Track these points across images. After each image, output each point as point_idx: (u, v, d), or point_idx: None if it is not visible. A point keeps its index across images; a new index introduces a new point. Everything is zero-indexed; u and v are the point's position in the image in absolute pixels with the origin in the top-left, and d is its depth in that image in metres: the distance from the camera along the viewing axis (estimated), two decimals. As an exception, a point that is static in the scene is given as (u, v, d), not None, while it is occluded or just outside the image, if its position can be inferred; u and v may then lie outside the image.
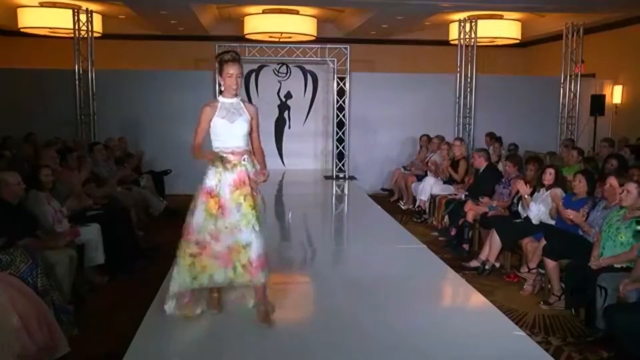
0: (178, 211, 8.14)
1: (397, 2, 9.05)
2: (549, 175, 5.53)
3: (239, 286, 3.72)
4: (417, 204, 8.34)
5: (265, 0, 9.87)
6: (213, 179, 3.57)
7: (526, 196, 5.55)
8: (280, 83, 10.36)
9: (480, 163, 7.03)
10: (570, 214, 4.87)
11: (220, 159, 3.54)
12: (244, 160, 3.61)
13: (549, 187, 5.51)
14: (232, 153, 3.60)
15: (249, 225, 3.51)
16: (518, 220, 5.73)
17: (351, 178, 10.09)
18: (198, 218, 3.54)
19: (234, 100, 3.64)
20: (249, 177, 3.59)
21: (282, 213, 7.70)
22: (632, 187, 4.30)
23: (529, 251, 5.25)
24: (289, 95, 10.45)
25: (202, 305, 3.78)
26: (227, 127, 3.59)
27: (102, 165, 7.23)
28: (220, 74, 3.60)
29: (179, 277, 3.57)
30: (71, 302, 4.31)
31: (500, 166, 7.49)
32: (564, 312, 4.58)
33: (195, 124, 3.62)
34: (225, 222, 3.52)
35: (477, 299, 4.37)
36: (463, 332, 3.68)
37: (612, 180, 4.65)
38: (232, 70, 3.55)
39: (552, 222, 5.33)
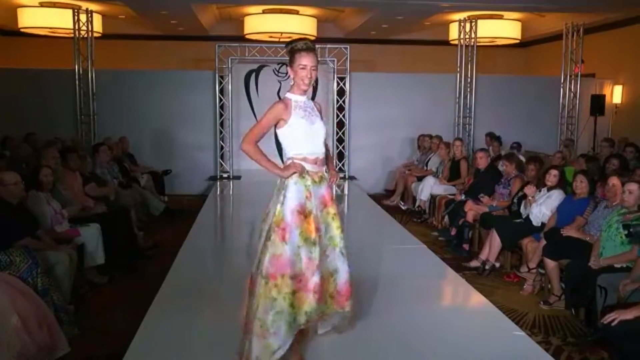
0: (178, 211, 8.24)
1: (397, 2, 9.04)
2: (552, 177, 5.53)
3: (329, 317, 3.18)
4: (417, 204, 8.34)
5: (265, 0, 9.87)
6: (301, 194, 2.98)
7: (530, 197, 5.57)
8: (280, 83, 10.33)
9: (484, 163, 7.04)
10: (568, 231, 4.88)
11: (305, 172, 3.02)
12: (325, 172, 3.14)
13: (550, 188, 5.52)
14: (316, 162, 3.07)
15: (336, 249, 3.08)
16: (518, 220, 5.73)
17: (351, 178, 10.09)
18: (292, 245, 2.91)
19: (305, 98, 3.09)
20: (331, 193, 3.12)
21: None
22: (634, 187, 4.30)
23: (529, 251, 5.25)
24: (288, 96, 10.43)
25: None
26: (309, 130, 3.03)
27: (104, 166, 7.23)
28: (291, 65, 3.03)
29: (283, 327, 2.85)
30: (71, 302, 4.31)
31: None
32: (564, 312, 4.57)
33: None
34: (320, 247, 2.98)
35: (477, 299, 4.38)
36: (463, 332, 3.69)
37: (615, 180, 4.64)
38: (306, 60, 2.97)
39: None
